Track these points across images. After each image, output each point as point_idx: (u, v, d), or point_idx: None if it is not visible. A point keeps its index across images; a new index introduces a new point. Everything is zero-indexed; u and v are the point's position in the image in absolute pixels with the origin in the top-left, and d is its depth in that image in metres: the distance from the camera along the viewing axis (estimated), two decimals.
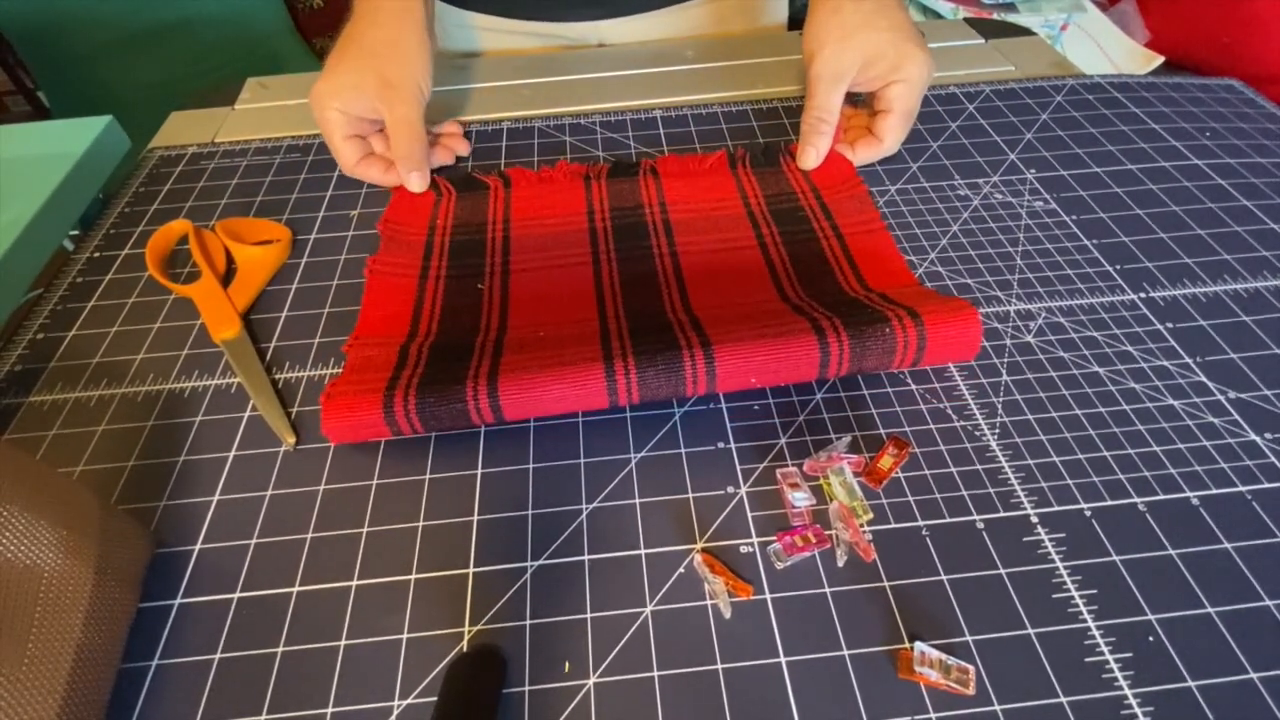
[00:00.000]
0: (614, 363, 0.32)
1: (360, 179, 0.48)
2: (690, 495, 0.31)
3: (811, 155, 0.46)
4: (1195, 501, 0.30)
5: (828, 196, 0.45)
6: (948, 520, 0.30)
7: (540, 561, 0.29)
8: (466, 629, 0.28)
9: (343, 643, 0.27)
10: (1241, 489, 0.31)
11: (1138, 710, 0.25)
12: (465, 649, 0.27)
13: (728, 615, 0.28)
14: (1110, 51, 1.07)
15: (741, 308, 0.37)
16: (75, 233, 0.52)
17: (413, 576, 0.29)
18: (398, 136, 0.46)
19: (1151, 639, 0.27)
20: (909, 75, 0.44)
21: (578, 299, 0.39)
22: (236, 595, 0.29)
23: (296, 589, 0.29)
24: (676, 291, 0.39)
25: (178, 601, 0.29)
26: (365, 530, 0.31)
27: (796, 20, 0.69)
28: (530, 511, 0.31)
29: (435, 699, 0.26)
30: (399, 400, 0.31)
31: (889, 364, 0.34)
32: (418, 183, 0.46)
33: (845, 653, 0.26)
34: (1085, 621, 0.27)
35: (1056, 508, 0.30)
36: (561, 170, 0.48)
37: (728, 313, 0.37)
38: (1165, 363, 0.36)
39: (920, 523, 0.30)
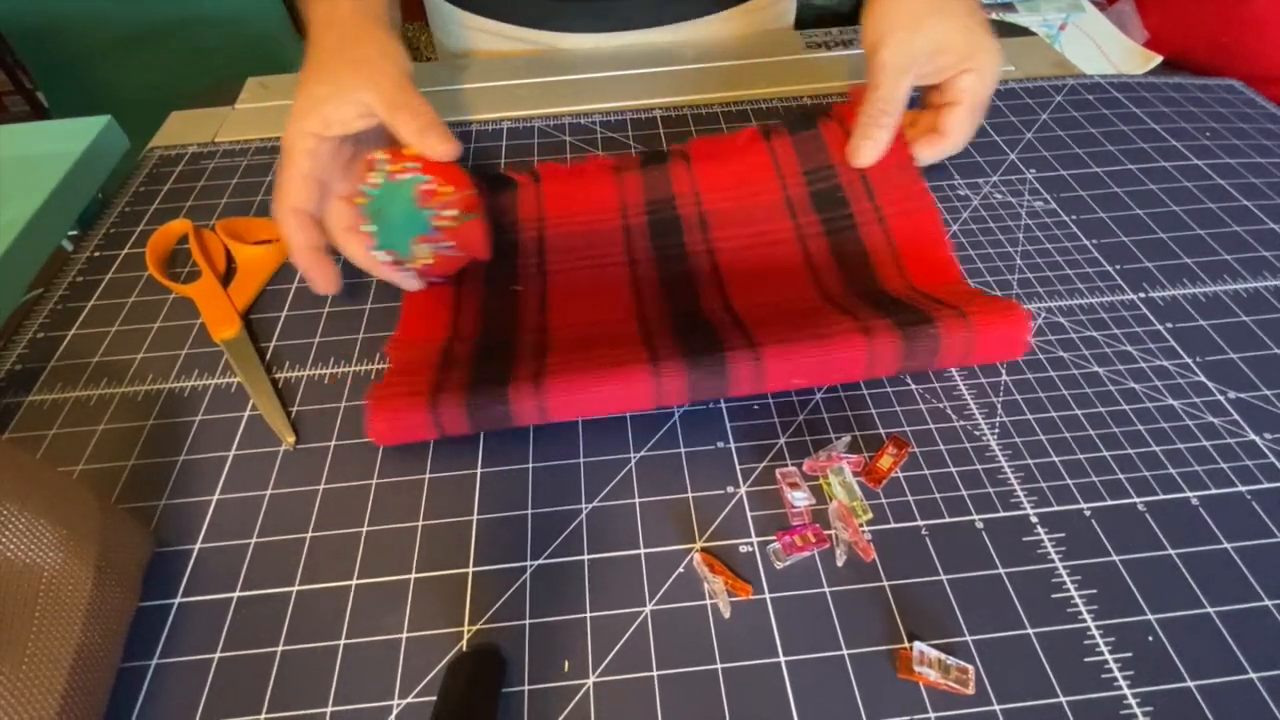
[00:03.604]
0: (660, 364, 0.32)
1: (309, 264, 0.37)
2: (690, 495, 0.31)
3: (868, 149, 0.42)
4: (1195, 501, 0.30)
5: (869, 168, 0.43)
6: (947, 520, 0.30)
7: (540, 561, 0.29)
8: (466, 629, 0.28)
9: (342, 642, 0.27)
10: (1241, 489, 0.31)
11: (1137, 710, 0.25)
12: (465, 649, 0.27)
13: (727, 615, 0.28)
14: (1109, 51, 1.07)
15: (783, 306, 0.37)
16: (75, 233, 0.52)
17: (412, 576, 0.29)
18: (395, 101, 0.37)
19: (1151, 639, 0.27)
20: (980, 65, 0.42)
21: (615, 300, 0.39)
22: (236, 595, 0.29)
23: (296, 588, 0.29)
24: (715, 290, 0.39)
25: (177, 601, 0.29)
26: (365, 530, 0.31)
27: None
28: (530, 511, 0.31)
29: (435, 699, 0.26)
30: (445, 401, 0.31)
31: (935, 364, 0.34)
32: (440, 142, 0.37)
33: (845, 653, 0.27)
34: (1085, 621, 0.27)
35: (1056, 508, 0.30)
36: (591, 163, 0.47)
37: (770, 312, 0.37)
38: (1165, 363, 0.36)
39: (920, 523, 0.30)
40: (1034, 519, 0.30)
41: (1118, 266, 0.41)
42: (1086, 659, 0.26)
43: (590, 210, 0.44)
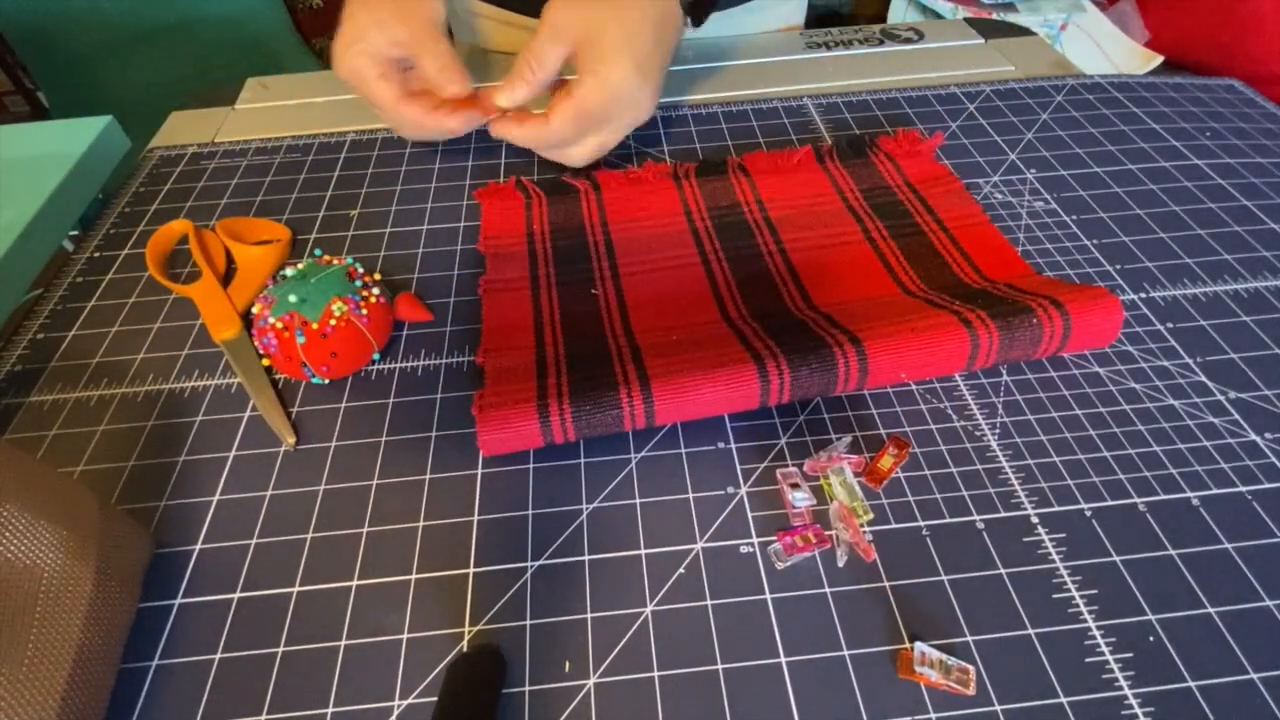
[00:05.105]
0: (765, 363, 0.32)
1: (405, 124, 0.44)
2: (690, 495, 0.31)
3: (501, 97, 0.43)
4: (1195, 501, 0.30)
5: (924, 190, 0.45)
6: (948, 520, 0.30)
7: (540, 561, 0.29)
8: (466, 629, 0.28)
9: (343, 643, 0.27)
10: (1241, 489, 0.31)
11: (1138, 710, 0.25)
12: (465, 649, 0.27)
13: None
14: (1109, 51, 1.07)
15: (871, 302, 0.38)
16: (75, 233, 0.52)
17: (413, 576, 0.29)
18: (421, 44, 0.43)
19: (1151, 639, 0.27)
20: (605, 77, 0.41)
21: (696, 300, 0.39)
22: (236, 595, 0.29)
23: (296, 589, 0.29)
24: (795, 289, 0.39)
25: (178, 601, 0.29)
26: (365, 530, 0.31)
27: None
28: (530, 511, 0.31)
29: (435, 699, 0.26)
30: (554, 409, 0.31)
31: (1034, 353, 0.35)
32: (454, 82, 0.43)
33: (845, 653, 0.26)
34: (1085, 621, 0.27)
35: (1057, 508, 0.30)
36: (649, 171, 0.48)
37: (859, 309, 0.37)
38: (1165, 363, 0.36)
39: (920, 523, 0.30)
40: (1035, 519, 0.30)
41: (1118, 266, 0.41)
42: (1088, 659, 0.26)
43: (655, 213, 0.45)
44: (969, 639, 0.27)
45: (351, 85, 0.44)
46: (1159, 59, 1.04)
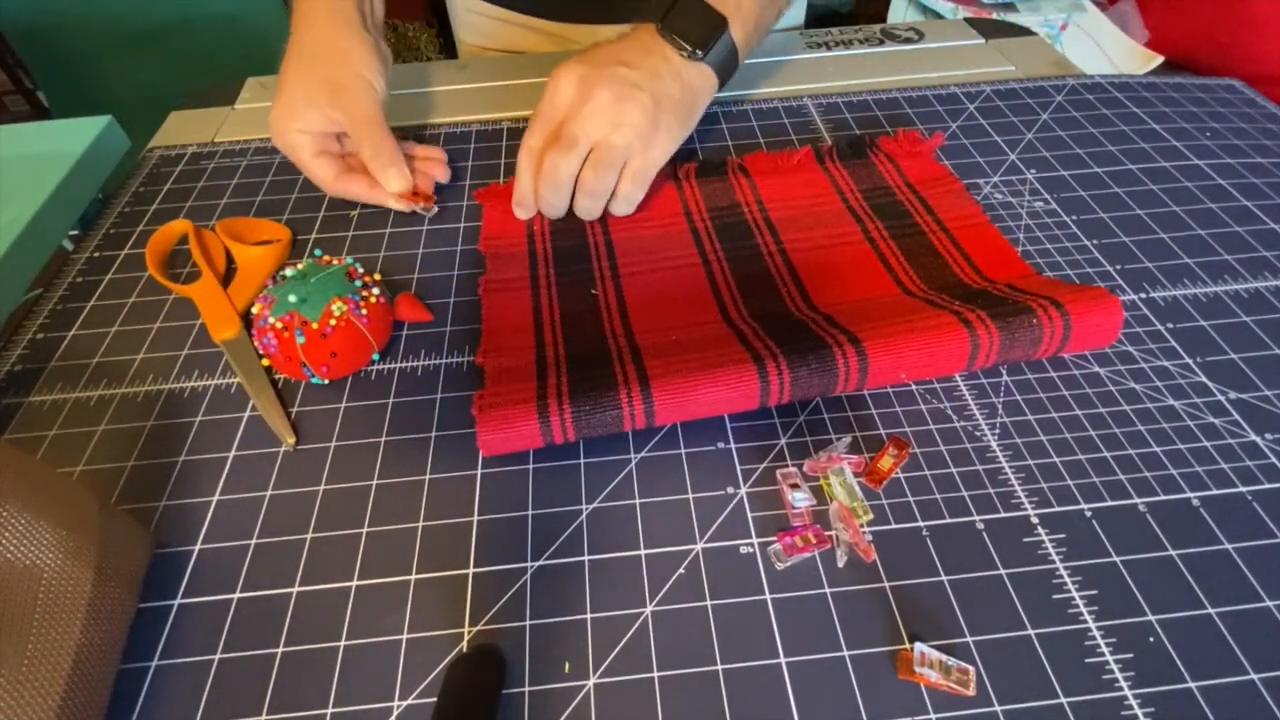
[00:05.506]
0: (765, 363, 0.32)
1: (345, 197, 0.46)
2: (690, 495, 0.31)
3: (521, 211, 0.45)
4: (1195, 502, 0.30)
5: (924, 191, 0.45)
6: (948, 520, 0.30)
7: (540, 562, 0.29)
8: (466, 629, 0.28)
9: (343, 643, 0.27)
10: (1241, 489, 0.31)
11: (1138, 711, 0.25)
12: (465, 649, 0.27)
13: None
14: (1110, 51, 1.07)
15: (871, 302, 0.38)
16: (75, 233, 0.52)
17: (413, 576, 0.29)
18: (359, 134, 0.43)
19: (1151, 639, 0.27)
20: (553, 73, 0.42)
21: (696, 301, 0.39)
22: (236, 595, 0.29)
23: (296, 589, 0.29)
24: (795, 289, 0.39)
25: (178, 601, 0.29)
26: (365, 530, 0.31)
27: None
28: (530, 511, 0.31)
29: (435, 699, 0.26)
30: (554, 409, 0.31)
31: (1034, 354, 0.35)
32: (396, 180, 0.44)
33: (845, 653, 0.26)
34: (1085, 622, 0.27)
35: (1056, 508, 0.30)
36: None
37: (859, 309, 0.37)
38: (1165, 363, 0.36)
39: (920, 523, 0.30)
40: (1035, 519, 0.30)
41: (1118, 266, 0.41)
42: (1088, 660, 0.26)
43: (655, 214, 0.45)
44: (969, 639, 0.27)
45: (288, 158, 0.45)
46: (1159, 59, 1.04)
